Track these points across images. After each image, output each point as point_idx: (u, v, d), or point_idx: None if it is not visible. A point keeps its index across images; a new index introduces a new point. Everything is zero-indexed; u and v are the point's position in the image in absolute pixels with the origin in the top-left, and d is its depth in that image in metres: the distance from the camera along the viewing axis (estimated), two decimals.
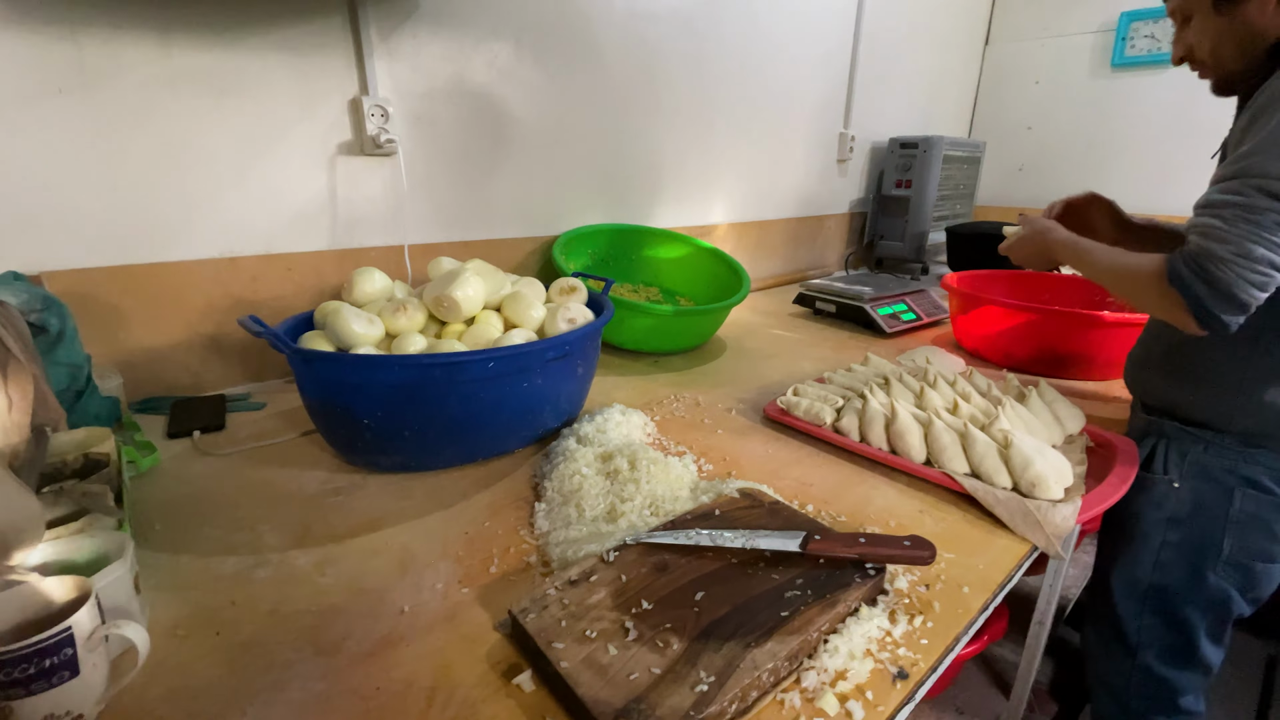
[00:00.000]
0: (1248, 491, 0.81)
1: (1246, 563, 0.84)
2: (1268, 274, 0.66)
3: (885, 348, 1.40)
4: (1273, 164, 0.65)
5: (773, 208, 2.01)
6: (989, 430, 0.82)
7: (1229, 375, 0.80)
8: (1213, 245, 0.68)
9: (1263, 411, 0.78)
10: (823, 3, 1.90)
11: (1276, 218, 0.65)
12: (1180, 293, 0.71)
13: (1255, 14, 0.75)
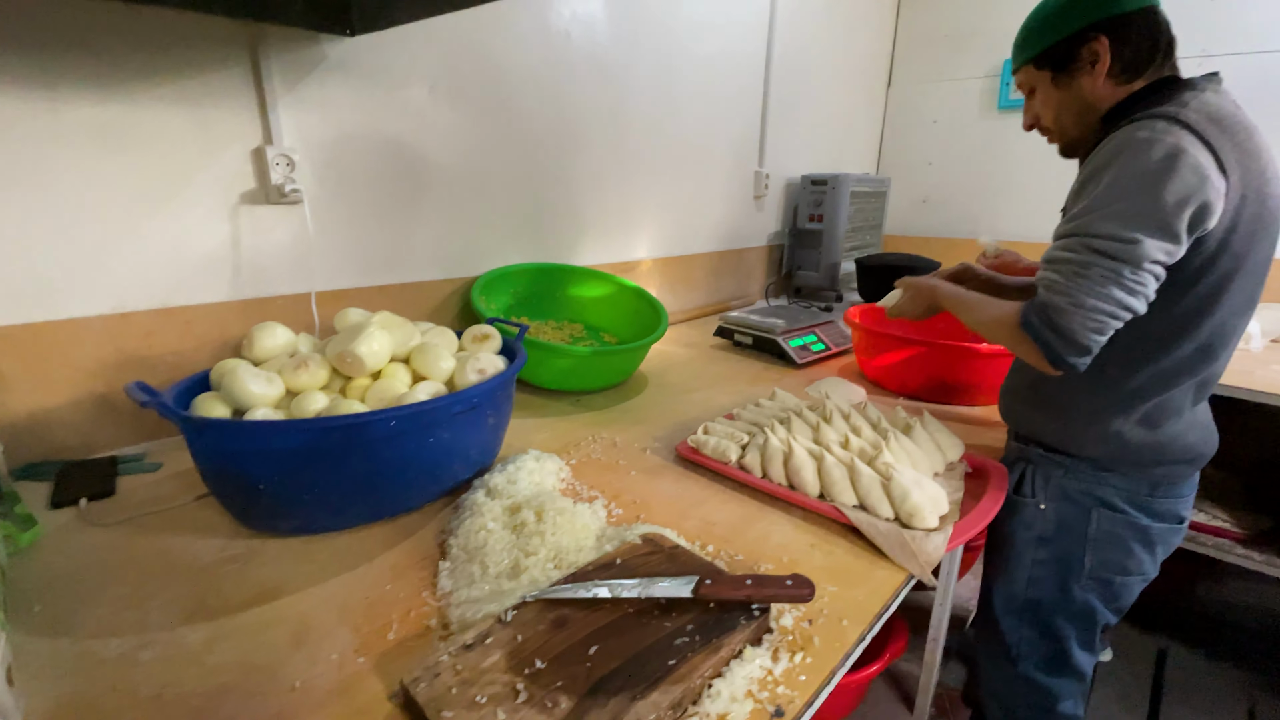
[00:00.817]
0: (1103, 512, 0.90)
1: (1106, 576, 0.93)
2: (1102, 320, 0.75)
3: (797, 378, 1.47)
4: (1100, 224, 0.75)
5: (695, 242, 2.08)
6: (874, 463, 0.89)
7: (1081, 407, 0.89)
8: (1054, 297, 0.77)
9: (1110, 439, 0.87)
10: (733, 48, 2.01)
11: (1103, 271, 0.74)
12: (1032, 339, 0.80)
13: (1088, 88, 0.86)
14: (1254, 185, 0.75)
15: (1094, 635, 0.98)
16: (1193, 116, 0.73)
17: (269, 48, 1.07)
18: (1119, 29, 0.81)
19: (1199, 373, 0.84)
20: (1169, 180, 0.71)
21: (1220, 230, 0.75)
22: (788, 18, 2.16)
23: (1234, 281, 0.78)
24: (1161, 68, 0.83)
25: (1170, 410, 0.85)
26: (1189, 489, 0.92)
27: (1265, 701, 1.61)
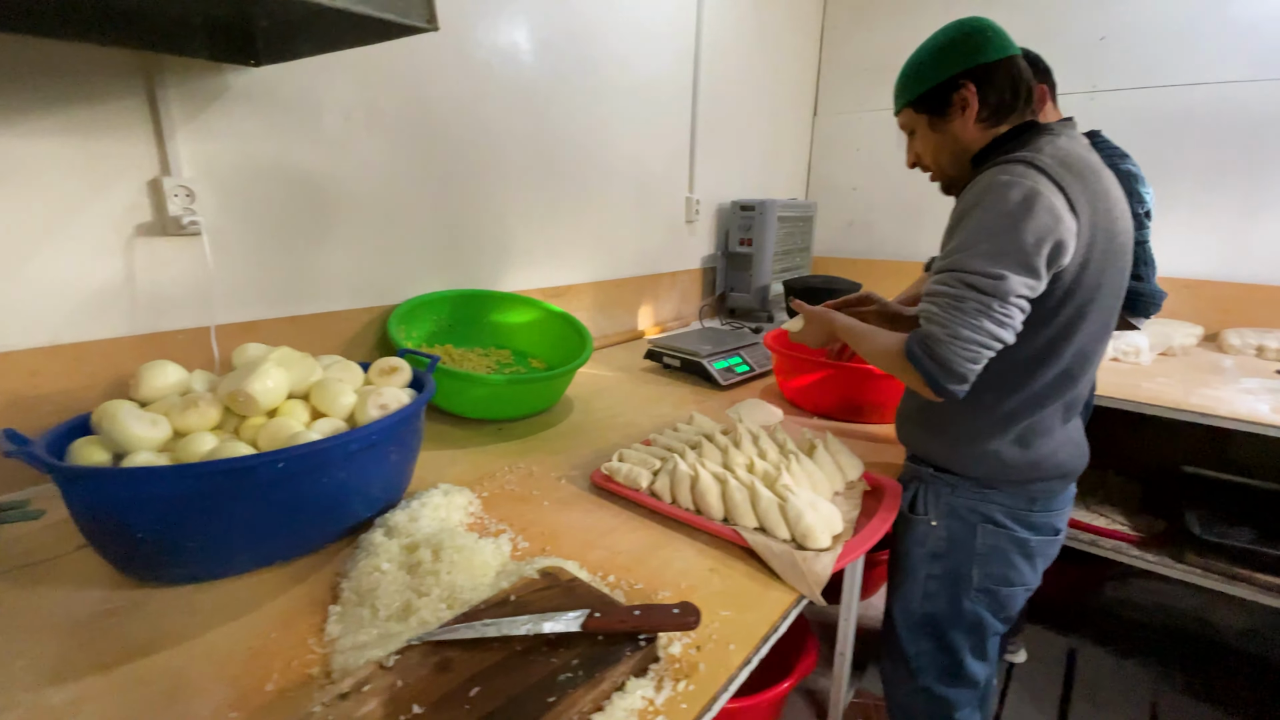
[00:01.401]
0: (988, 527, 0.96)
1: (993, 588, 0.98)
2: (976, 350, 0.81)
3: (721, 400, 1.51)
4: (970, 260, 0.80)
5: (629, 266, 2.11)
6: (775, 486, 0.92)
7: (962, 429, 0.95)
8: (934, 329, 0.83)
9: (989, 459, 0.93)
10: (660, 78, 2.07)
11: (975, 305, 0.80)
12: (915, 368, 0.84)
13: (960, 131, 0.93)
14: (1102, 224, 0.82)
15: (985, 645, 1.03)
16: (1047, 161, 0.80)
17: (166, 78, 1.05)
18: (984, 77, 0.88)
19: (1064, 395, 0.91)
20: (1027, 221, 0.77)
21: (1074, 266, 0.81)
22: (712, 49, 2.24)
23: (1090, 311, 0.85)
24: (1023, 113, 0.91)
25: (1041, 430, 0.91)
26: (1063, 502, 0.98)
27: (1167, 696, 1.72)
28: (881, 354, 0.92)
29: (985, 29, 0.90)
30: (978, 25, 0.90)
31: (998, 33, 0.90)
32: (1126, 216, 0.87)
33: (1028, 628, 1.94)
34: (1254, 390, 1.69)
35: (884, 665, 1.14)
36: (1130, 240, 0.89)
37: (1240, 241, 2.21)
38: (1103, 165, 0.87)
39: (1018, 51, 0.91)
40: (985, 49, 0.88)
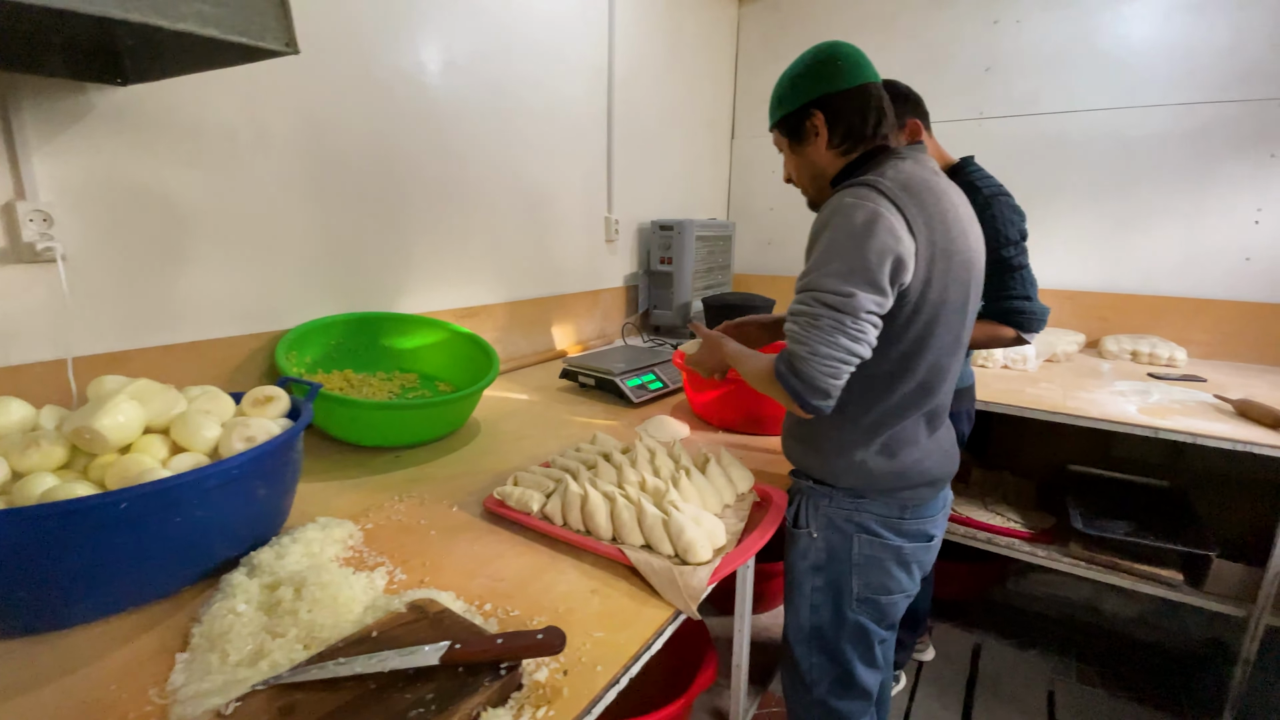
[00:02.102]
0: (863, 537, 0.99)
1: (873, 598, 1.01)
2: (835, 366, 0.84)
3: (634, 417, 1.52)
4: (824, 280, 0.84)
5: (548, 285, 2.11)
6: (663, 502, 0.93)
7: (832, 441, 0.98)
8: (796, 347, 0.86)
9: (858, 469, 0.96)
10: (572, 101, 2.10)
11: (831, 322, 0.83)
12: (783, 386, 0.87)
13: (815, 155, 0.98)
14: (940, 244, 0.87)
15: (874, 653, 1.05)
16: (887, 185, 0.85)
17: (20, 98, 0.99)
18: (833, 106, 0.93)
19: (923, 406, 0.95)
20: (870, 240, 0.82)
21: (917, 283, 0.86)
22: (627, 74, 2.29)
23: (937, 327, 0.90)
24: (874, 139, 0.95)
25: (905, 440, 0.96)
26: (935, 509, 1.02)
27: (1062, 683, 1.82)
28: (755, 376, 0.95)
29: (838, 58, 0.94)
30: (831, 54, 0.94)
31: (852, 61, 0.94)
32: (970, 236, 0.92)
33: (936, 626, 2.02)
34: (1125, 392, 1.83)
35: (783, 678, 1.15)
36: (977, 258, 0.94)
37: (1115, 255, 2.42)
38: (947, 188, 0.92)
39: (873, 79, 0.95)
40: (836, 78, 0.93)
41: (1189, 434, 1.54)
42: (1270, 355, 2.21)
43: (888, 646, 1.08)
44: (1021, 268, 1.30)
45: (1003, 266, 1.29)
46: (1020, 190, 2.52)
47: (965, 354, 1.02)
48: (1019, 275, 1.30)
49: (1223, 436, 1.50)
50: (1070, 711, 1.71)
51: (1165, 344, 2.20)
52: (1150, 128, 2.29)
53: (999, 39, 2.48)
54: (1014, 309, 1.30)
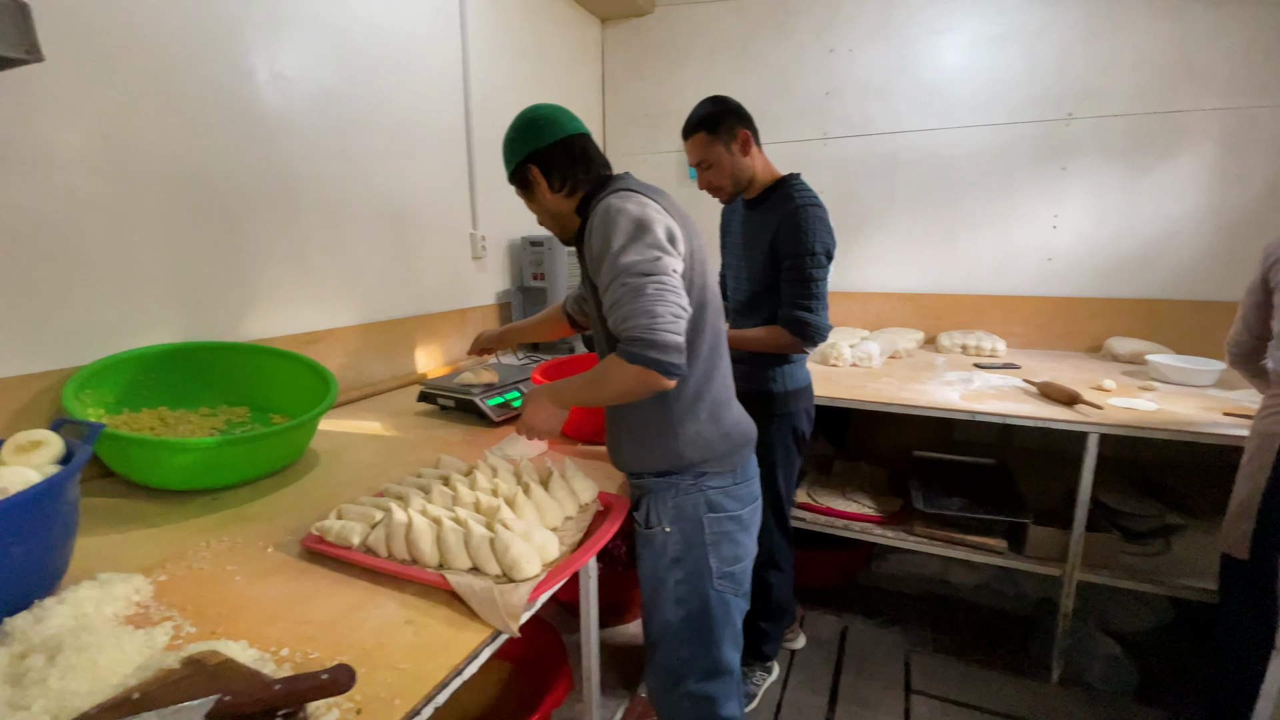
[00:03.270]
0: (711, 516, 1.06)
1: (729, 570, 1.08)
2: (675, 320, 0.88)
3: (494, 437, 1.48)
4: (626, 260, 0.89)
5: (404, 305, 2.03)
6: (494, 521, 0.91)
7: (662, 423, 1.02)
8: (635, 324, 0.88)
9: (695, 442, 1.03)
10: (425, 116, 2.05)
11: (653, 285, 0.88)
12: (642, 364, 0.88)
13: (546, 200, 1.08)
14: (684, 231, 0.99)
15: (738, 627, 1.12)
16: (634, 184, 1.01)
17: None
18: (541, 159, 1.05)
19: (719, 365, 1.07)
20: (644, 220, 0.92)
21: (686, 256, 0.98)
22: (485, 91, 2.27)
23: (708, 297, 1.04)
24: (589, 178, 1.06)
25: (721, 403, 1.06)
26: (754, 469, 1.13)
27: (918, 654, 1.96)
28: (599, 383, 0.95)
29: (538, 120, 1.06)
30: (532, 117, 1.06)
31: (548, 120, 1.06)
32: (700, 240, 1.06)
33: (808, 614, 2.13)
34: (952, 382, 2.03)
35: (649, 680, 1.16)
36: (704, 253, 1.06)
37: (944, 260, 2.69)
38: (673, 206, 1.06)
39: (575, 132, 1.06)
40: (541, 135, 1.05)
41: (999, 415, 1.73)
42: (1073, 342, 2.54)
43: (740, 620, 1.14)
44: (814, 280, 1.41)
45: (799, 275, 1.40)
46: (861, 204, 2.78)
47: None
48: (811, 287, 1.41)
49: (1025, 415, 1.70)
50: (924, 678, 1.85)
51: (989, 337, 2.47)
52: (965, 147, 2.58)
53: (836, 66, 2.71)
54: (797, 317, 1.42)
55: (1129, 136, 2.36)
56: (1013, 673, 1.87)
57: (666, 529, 1.07)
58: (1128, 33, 2.30)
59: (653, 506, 1.07)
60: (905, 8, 2.56)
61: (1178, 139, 2.31)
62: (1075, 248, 2.49)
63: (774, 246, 1.45)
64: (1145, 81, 2.31)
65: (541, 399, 1.06)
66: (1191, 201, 2.33)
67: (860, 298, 2.85)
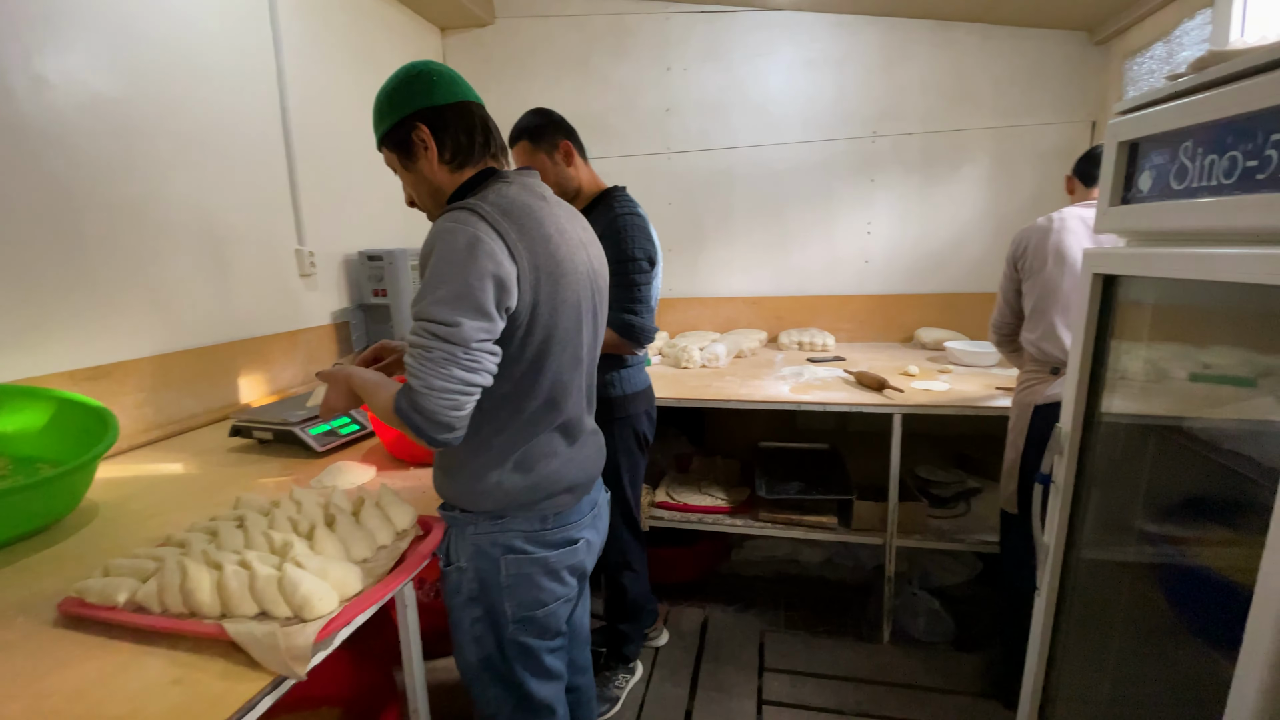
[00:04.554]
0: (509, 557, 0.97)
1: (528, 615, 1.00)
2: (454, 398, 0.83)
3: (315, 469, 1.39)
4: (432, 308, 0.83)
5: (215, 331, 1.85)
6: (289, 558, 0.85)
7: (469, 467, 0.97)
8: (413, 381, 0.84)
9: (495, 491, 0.96)
10: (231, 124, 1.89)
11: (443, 354, 0.82)
12: (404, 422, 0.85)
13: (428, 172, 0.96)
14: (546, 267, 0.89)
15: (544, 666, 1.05)
16: (487, 209, 0.85)
17: None
18: (436, 119, 0.94)
19: (553, 422, 0.99)
20: (472, 266, 0.82)
21: (525, 306, 0.88)
22: (305, 98, 2.13)
23: (554, 346, 0.92)
24: (484, 158, 0.98)
25: (540, 454, 0.98)
26: (579, 514, 1.04)
27: (771, 633, 2.09)
28: (381, 411, 0.91)
29: (432, 73, 0.93)
30: (425, 68, 0.94)
31: (447, 78, 0.94)
32: (584, 256, 0.99)
33: (671, 610, 2.20)
34: (786, 377, 2.20)
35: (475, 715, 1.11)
36: (595, 277, 1.01)
37: (781, 264, 2.91)
38: (554, 212, 0.95)
39: (472, 99, 0.97)
40: (433, 92, 0.93)
41: (819, 404, 1.89)
42: (891, 334, 2.84)
43: (559, 654, 1.09)
44: (637, 285, 1.47)
45: (622, 280, 1.45)
46: (706, 214, 2.94)
47: (593, 365, 1.07)
48: (635, 291, 1.47)
49: (841, 402, 1.88)
50: (776, 655, 1.97)
51: (821, 334, 2.71)
52: (791, 161, 2.81)
53: (673, 84, 2.85)
54: (623, 320, 1.46)
55: (923, 152, 2.70)
56: (853, 637, 2.05)
57: (462, 565, 1.00)
58: (916, 61, 2.63)
59: (452, 542, 1.01)
60: (730, 32, 2.75)
61: (961, 154, 2.67)
62: (887, 250, 2.80)
63: None
64: (933, 104, 2.66)
65: (344, 380, 1.01)
66: (976, 207, 2.70)
67: (711, 302, 3.00)
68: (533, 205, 0.92)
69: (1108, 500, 1.19)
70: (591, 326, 1.03)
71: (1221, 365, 1.02)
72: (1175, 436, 1.10)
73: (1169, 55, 2.02)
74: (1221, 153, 0.85)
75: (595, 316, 1.04)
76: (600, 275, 1.06)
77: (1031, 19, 2.48)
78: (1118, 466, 1.18)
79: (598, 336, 1.06)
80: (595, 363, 1.08)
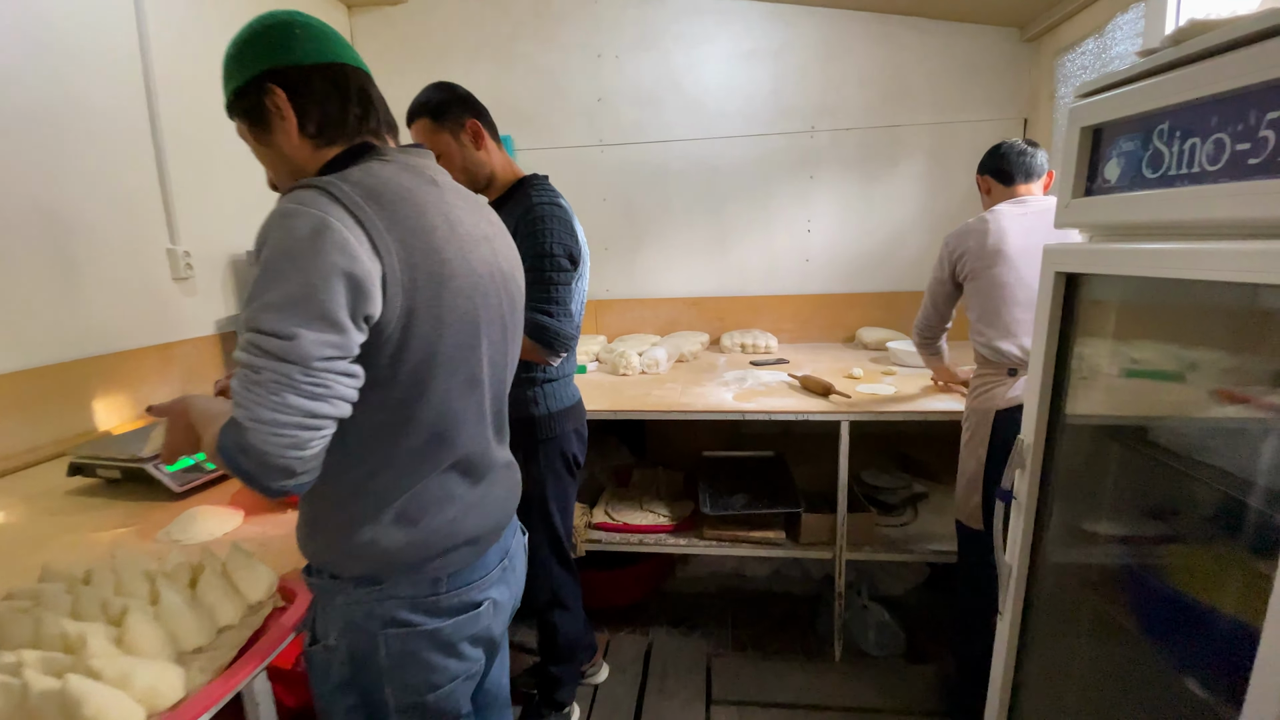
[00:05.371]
0: (390, 632, 0.77)
1: (417, 701, 0.81)
2: (293, 435, 0.63)
3: (169, 514, 1.14)
4: (262, 317, 0.62)
5: (78, 344, 1.56)
6: (83, 660, 0.64)
7: (333, 522, 0.77)
8: (238, 411, 0.63)
9: (368, 551, 0.75)
10: (94, 99, 1.60)
11: (274, 376, 0.62)
12: (228, 466, 0.65)
13: (286, 146, 0.76)
14: (427, 266, 0.70)
15: None
16: (345, 188, 0.65)
17: None
18: (295, 82, 0.74)
19: (445, 460, 0.78)
20: (315, 260, 0.62)
21: (396, 314, 0.68)
22: (181, 81, 1.85)
23: (438, 367, 0.73)
24: (360, 132, 0.78)
25: (432, 501, 0.78)
26: (483, 569, 0.84)
27: (719, 657, 1.96)
28: (209, 449, 0.70)
29: (294, 24, 0.75)
30: (285, 18, 0.76)
31: (315, 32, 0.76)
32: (482, 254, 0.79)
33: (613, 637, 2.03)
34: (729, 382, 2.07)
35: None
36: (500, 278, 0.82)
37: (721, 264, 2.79)
38: (447, 200, 0.76)
39: (349, 61, 0.78)
40: (293, 47, 0.74)
41: (765, 412, 1.77)
42: (833, 334, 2.78)
43: None
44: (554, 284, 1.29)
45: (537, 277, 1.27)
46: (643, 210, 2.79)
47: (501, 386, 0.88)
48: (552, 291, 1.29)
49: (788, 410, 1.76)
50: (725, 683, 1.84)
51: (764, 335, 2.60)
52: (729, 156, 2.69)
53: (605, 72, 2.68)
54: (536, 322, 1.27)
55: (861, 148, 2.64)
56: (804, 656, 1.95)
57: (331, 643, 0.79)
58: (853, 54, 2.56)
59: (319, 614, 0.80)
60: (662, 19, 2.61)
61: (898, 150, 2.62)
62: (827, 249, 2.73)
63: None
64: (871, 98, 2.60)
65: (179, 414, 0.79)
66: (912, 205, 2.66)
67: (651, 303, 2.86)
68: (414, 189, 0.73)
69: (1073, 513, 1.11)
70: (500, 340, 0.84)
71: (1191, 363, 0.94)
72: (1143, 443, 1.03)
73: (1101, 51, 2.01)
74: (1205, 136, 0.76)
75: (505, 328, 0.85)
76: (512, 278, 0.87)
77: (965, 14, 2.45)
78: (1082, 477, 1.10)
79: (509, 352, 0.88)
80: (506, 383, 0.90)
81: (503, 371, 0.87)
